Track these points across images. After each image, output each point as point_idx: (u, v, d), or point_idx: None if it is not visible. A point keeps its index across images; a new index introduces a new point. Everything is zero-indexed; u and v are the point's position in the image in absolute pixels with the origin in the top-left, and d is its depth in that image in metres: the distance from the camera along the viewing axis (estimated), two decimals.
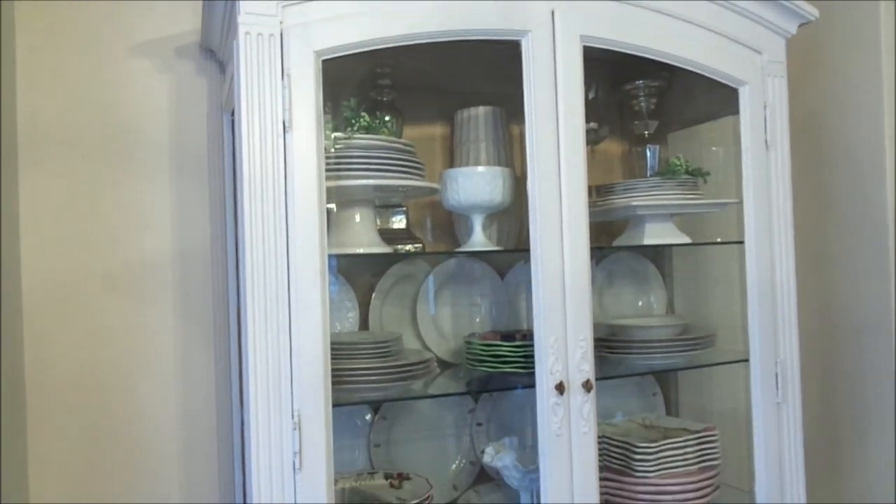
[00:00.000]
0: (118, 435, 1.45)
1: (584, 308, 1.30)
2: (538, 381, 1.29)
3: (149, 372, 1.47)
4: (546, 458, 1.29)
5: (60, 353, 1.41)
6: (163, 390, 1.48)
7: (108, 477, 1.44)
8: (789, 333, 1.48)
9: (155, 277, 1.48)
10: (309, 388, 1.13)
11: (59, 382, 1.41)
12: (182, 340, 1.50)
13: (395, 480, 1.47)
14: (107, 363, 1.45)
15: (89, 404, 1.43)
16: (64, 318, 1.42)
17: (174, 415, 1.49)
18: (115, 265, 1.45)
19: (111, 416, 1.45)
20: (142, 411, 1.47)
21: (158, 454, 1.48)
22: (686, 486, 1.48)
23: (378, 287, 1.61)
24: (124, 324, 1.46)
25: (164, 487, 1.48)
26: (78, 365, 1.43)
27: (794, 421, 1.48)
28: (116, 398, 1.45)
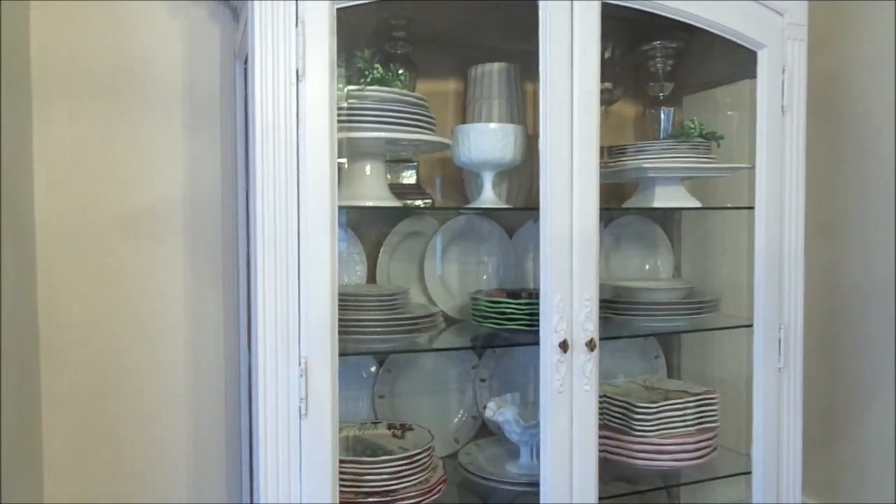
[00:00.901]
0: (127, 376, 1.48)
1: (590, 268, 1.31)
2: (542, 338, 1.30)
3: (158, 316, 1.50)
4: (547, 414, 1.31)
5: (72, 292, 1.44)
6: (171, 335, 1.51)
7: (117, 415, 1.48)
8: (794, 299, 1.48)
9: (165, 222, 1.49)
10: (316, 336, 1.15)
11: (71, 322, 1.44)
12: (192, 286, 1.52)
13: (398, 431, 1.50)
14: (116, 305, 1.47)
15: (99, 345, 1.46)
16: (75, 258, 1.43)
17: (182, 358, 1.52)
18: (127, 208, 1.47)
19: (121, 357, 1.48)
20: (150, 353, 1.50)
21: (166, 396, 1.51)
22: (683, 447, 1.51)
23: (386, 242, 1.61)
24: (134, 267, 1.48)
25: (171, 429, 1.52)
26: (88, 305, 1.45)
27: (795, 386, 1.50)
28: (126, 340, 1.48)
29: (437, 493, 1.38)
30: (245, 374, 1.50)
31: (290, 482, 1.15)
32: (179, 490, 1.53)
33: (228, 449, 1.56)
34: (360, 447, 1.44)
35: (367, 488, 1.30)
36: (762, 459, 1.48)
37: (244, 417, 1.52)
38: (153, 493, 1.51)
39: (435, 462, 1.45)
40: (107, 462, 1.48)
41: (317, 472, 1.15)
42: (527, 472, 1.48)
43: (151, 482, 1.51)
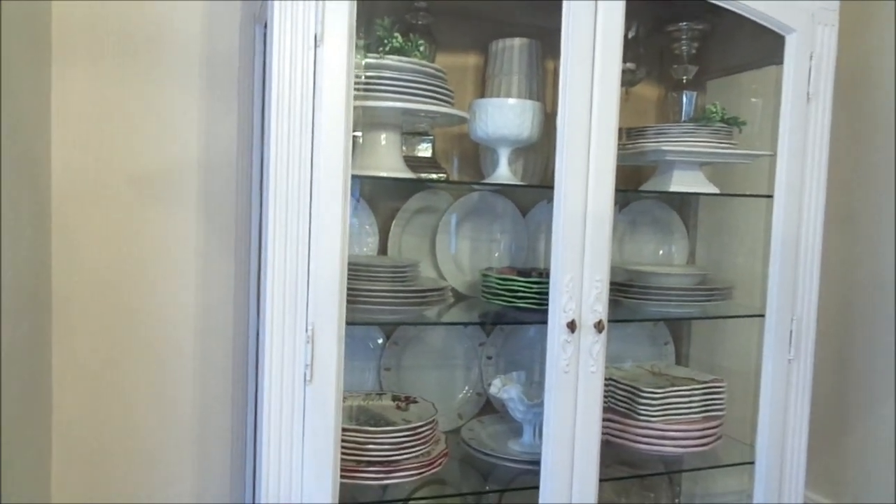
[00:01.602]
0: (138, 338, 1.50)
1: (602, 249, 1.30)
2: (551, 317, 1.30)
3: (170, 277, 1.51)
4: (552, 394, 1.31)
5: (85, 252, 1.45)
6: (182, 297, 1.52)
7: (127, 375, 1.50)
8: (809, 291, 1.47)
9: (180, 185, 1.49)
10: (324, 303, 1.15)
11: (83, 281, 1.45)
12: (203, 249, 1.52)
13: (402, 403, 1.50)
14: (129, 266, 1.48)
15: (111, 305, 1.48)
16: (90, 218, 1.44)
17: (193, 321, 1.53)
18: (142, 170, 1.47)
19: (132, 317, 1.49)
20: (161, 314, 1.51)
21: (176, 357, 1.53)
22: (688, 433, 1.50)
23: (399, 215, 1.61)
24: (148, 228, 1.48)
25: (180, 388, 1.53)
26: (101, 265, 1.46)
27: (804, 379, 1.48)
28: (137, 301, 1.49)
29: (438, 466, 1.39)
30: (254, 339, 1.51)
31: (292, 447, 1.16)
32: (186, 452, 1.55)
33: (234, 413, 1.58)
34: (363, 417, 1.44)
35: (369, 457, 1.31)
36: (766, 450, 1.47)
37: (251, 383, 1.53)
38: (161, 452, 1.53)
39: (437, 436, 1.45)
40: (116, 422, 1.50)
41: (319, 437, 1.16)
42: (529, 450, 1.48)
43: (159, 441, 1.53)
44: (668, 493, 1.81)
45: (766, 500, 1.49)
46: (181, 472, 1.55)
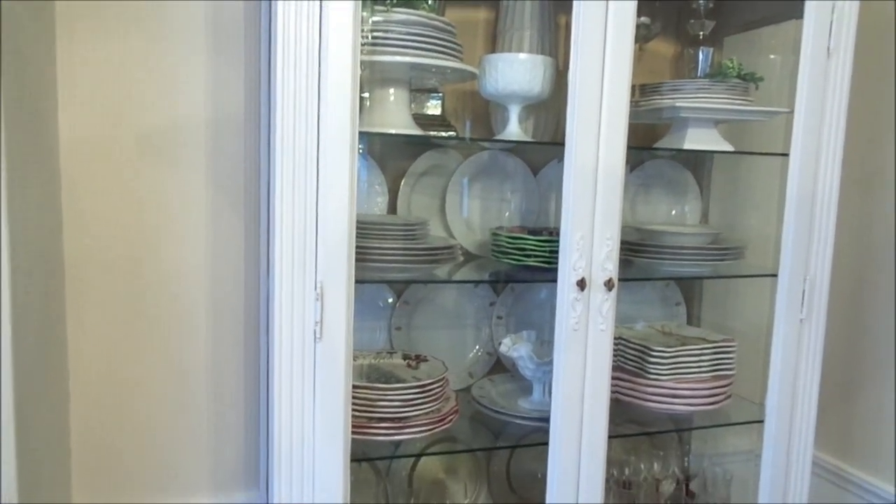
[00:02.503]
0: (150, 296, 1.51)
1: (614, 206, 1.29)
2: (560, 275, 1.29)
3: (179, 237, 1.51)
4: (561, 352, 1.31)
5: (95, 213, 1.45)
6: (193, 256, 1.52)
7: (139, 338, 1.51)
8: (823, 251, 1.45)
9: (187, 143, 1.49)
10: (333, 260, 1.15)
11: (94, 243, 1.46)
12: (212, 207, 1.52)
13: (413, 361, 1.51)
14: (139, 227, 1.48)
15: (122, 265, 1.48)
16: (98, 179, 1.44)
17: (203, 280, 1.54)
18: (150, 129, 1.46)
19: (143, 278, 1.50)
20: (172, 274, 1.52)
21: (187, 317, 1.54)
22: (697, 392, 1.50)
23: (408, 173, 1.60)
24: (157, 188, 1.48)
25: (192, 348, 1.55)
26: (111, 226, 1.46)
27: (816, 339, 1.48)
28: (148, 261, 1.50)
29: (449, 423, 1.40)
30: (265, 298, 1.51)
31: (303, 403, 1.17)
32: (200, 412, 1.57)
33: (247, 371, 1.60)
34: (374, 375, 1.46)
35: (380, 414, 1.32)
36: (776, 409, 1.47)
37: (263, 341, 1.54)
38: (176, 410, 1.56)
39: (448, 393, 1.46)
40: (131, 381, 1.52)
41: (330, 394, 1.17)
42: (538, 408, 1.49)
43: (174, 400, 1.55)
44: (676, 451, 1.82)
45: (774, 459, 1.50)
46: (196, 430, 1.58)
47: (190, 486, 1.58)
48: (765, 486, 1.51)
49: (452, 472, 1.69)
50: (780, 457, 1.50)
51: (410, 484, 1.62)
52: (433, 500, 1.51)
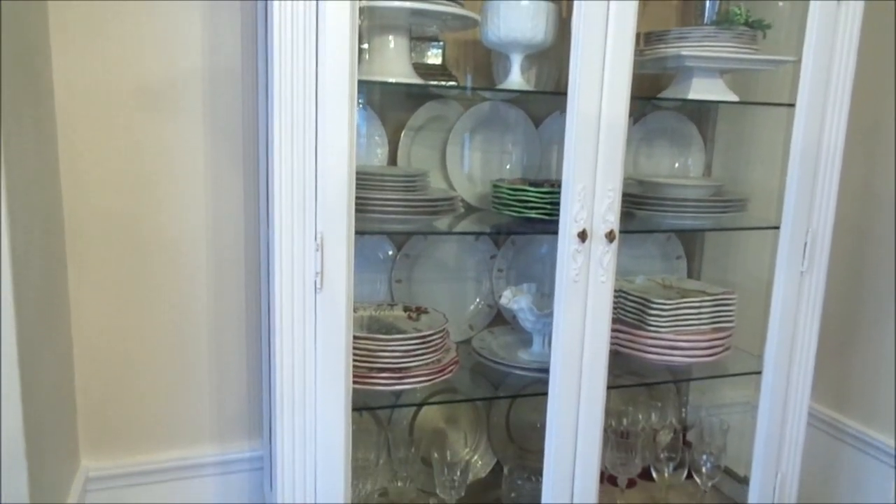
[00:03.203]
0: (148, 249, 1.51)
1: (616, 157, 1.27)
2: (561, 227, 1.29)
3: (179, 189, 1.50)
4: (561, 303, 1.31)
5: (93, 167, 1.44)
6: (191, 207, 1.52)
7: (143, 287, 1.52)
8: (826, 203, 1.44)
9: (185, 94, 1.46)
10: (332, 211, 1.14)
11: (93, 197, 1.45)
12: (212, 160, 1.51)
13: (413, 313, 1.52)
14: (137, 180, 1.47)
15: (122, 219, 1.48)
16: (95, 132, 1.43)
17: (204, 231, 1.53)
18: (146, 81, 1.44)
19: (142, 229, 1.50)
20: (171, 226, 1.51)
21: (187, 270, 1.54)
22: (696, 344, 1.51)
23: (408, 124, 1.58)
24: (155, 141, 1.47)
25: (194, 298, 1.56)
26: (110, 180, 1.45)
27: (816, 291, 1.48)
28: (147, 211, 1.49)
29: (449, 373, 1.41)
30: (265, 249, 1.51)
31: (304, 353, 1.18)
32: (202, 363, 1.59)
33: (248, 321, 1.60)
34: (375, 326, 1.46)
35: (380, 364, 1.33)
36: (774, 360, 1.48)
37: (264, 293, 1.55)
38: (178, 367, 1.57)
39: (448, 345, 1.47)
40: (132, 337, 1.53)
41: (331, 344, 1.18)
42: (538, 359, 1.50)
43: (176, 356, 1.57)
44: (674, 403, 1.85)
45: (771, 410, 1.52)
46: (199, 381, 1.59)
47: (194, 437, 1.61)
48: (761, 437, 1.53)
49: (453, 421, 1.71)
50: (777, 408, 1.51)
51: (411, 433, 1.65)
52: (434, 449, 1.53)
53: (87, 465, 1.53)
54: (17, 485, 1.12)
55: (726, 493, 1.71)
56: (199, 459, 1.60)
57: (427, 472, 1.60)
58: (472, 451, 1.73)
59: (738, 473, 1.70)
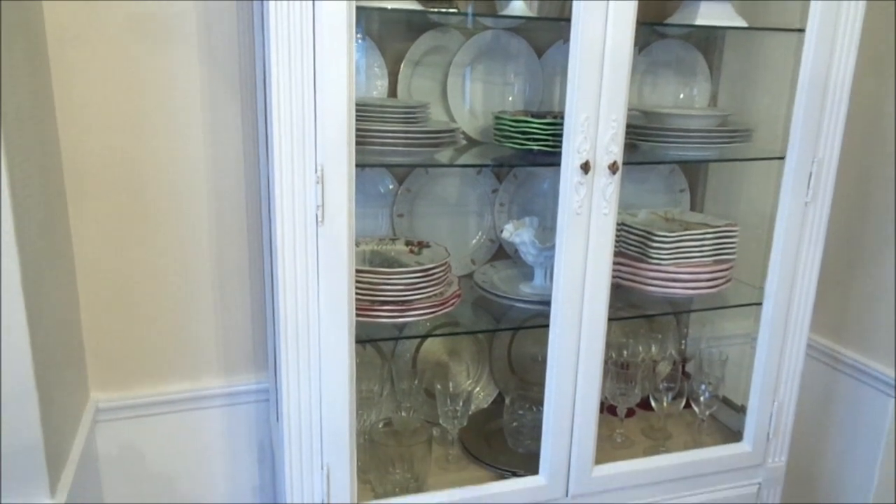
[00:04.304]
0: (148, 185, 1.50)
1: (620, 87, 1.25)
2: (564, 158, 1.27)
3: (175, 122, 1.48)
4: (563, 236, 1.31)
5: (87, 101, 1.41)
6: (190, 143, 1.50)
7: (143, 225, 1.51)
8: (833, 133, 1.41)
9: (180, 25, 1.43)
10: (332, 143, 1.13)
11: (89, 131, 1.43)
12: (209, 93, 1.48)
13: (415, 247, 1.52)
14: (133, 113, 1.45)
15: (119, 154, 1.46)
16: (88, 63, 1.40)
17: (201, 167, 1.52)
18: (140, 9, 1.40)
19: (141, 166, 1.48)
20: (170, 162, 1.50)
21: (188, 205, 1.53)
22: (698, 276, 1.51)
23: (408, 55, 1.54)
24: (150, 72, 1.44)
25: (195, 239, 1.56)
26: (105, 115, 1.43)
27: (819, 222, 1.47)
28: (145, 147, 1.47)
29: (451, 306, 1.42)
30: (265, 183, 1.50)
31: (307, 286, 1.18)
32: (206, 298, 1.60)
33: (251, 258, 1.61)
34: (377, 260, 1.47)
35: (383, 297, 1.34)
36: (775, 291, 1.49)
37: (265, 227, 1.55)
38: (182, 302, 1.58)
39: (450, 278, 1.48)
40: (136, 274, 1.53)
41: (333, 277, 1.18)
42: (540, 292, 1.51)
43: (180, 291, 1.57)
44: (674, 335, 1.87)
45: (770, 340, 1.53)
46: (203, 316, 1.61)
47: (201, 370, 1.64)
48: (759, 366, 1.55)
49: (455, 354, 1.73)
50: (776, 338, 1.53)
51: (414, 366, 1.67)
52: (436, 380, 1.56)
53: (96, 396, 1.57)
54: (28, 415, 1.14)
55: (723, 422, 1.75)
56: (205, 391, 1.64)
57: (430, 403, 1.63)
58: (474, 383, 1.76)
59: (736, 403, 1.73)
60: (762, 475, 1.63)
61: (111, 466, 1.61)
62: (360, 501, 1.33)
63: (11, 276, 1.08)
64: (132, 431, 1.60)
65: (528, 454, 1.50)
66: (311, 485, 1.27)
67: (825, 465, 2.00)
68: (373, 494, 1.41)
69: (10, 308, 1.09)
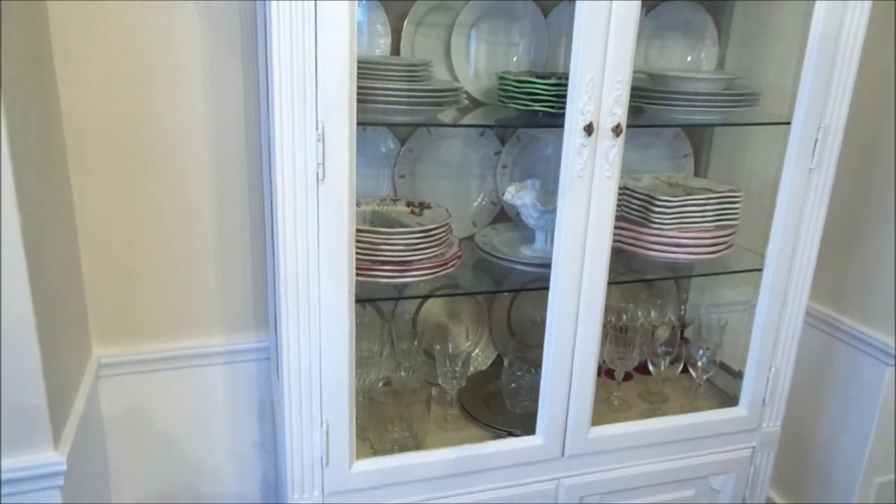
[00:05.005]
0: (148, 143, 1.49)
1: (626, 47, 1.23)
2: (567, 120, 1.26)
3: (176, 79, 1.46)
4: (565, 199, 1.30)
5: (87, 53, 1.40)
6: (191, 100, 1.48)
7: (144, 180, 1.51)
8: (840, 98, 1.40)
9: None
10: (333, 101, 1.11)
11: (89, 87, 1.42)
12: (209, 49, 1.46)
13: (416, 208, 1.51)
14: (133, 71, 1.43)
15: (118, 110, 1.45)
16: (89, 17, 1.38)
17: (202, 124, 1.51)
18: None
19: (141, 123, 1.47)
20: (170, 119, 1.49)
21: (189, 162, 1.53)
22: (699, 241, 1.51)
23: (412, 12, 1.51)
24: (150, 27, 1.42)
25: (196, 197, 1.55)
26: (104, 71, 1.42)
27: (823, 189, 1.46)
28: (146, 103, 1.46)
29: (451, 267, 1.42)
30: (266, 141, 1.49)
31: (308, 245, 1.18)
32: (207, 256, 1.60)
33: (252, 216, 1.61)
34: (378, 221, 1.46)
35: (383, 257, 1.34)
36: (776, 258, 1.49)
37: (266, 185, 1.54)
38: (183, 261, 1.58)
39: (451, 240, 1.48)
40: (137, 233, 1.53)
41: (334, 235, 1.18)
42: (540, 255, 1.51)
43: (181, 249, 1.58)
44: (674, 300, 1.87)
45: (769, 307, 1.53)
46: (205, 274, 1.61)
47: (202, 328, 1.65)
48: (757, 332, 1.56)
49: (455, 316, 1.74)
50: (776, 304, 1.53)
51: (414, 326, 1.68)
52: (436, 342, 1.57)
53: (98, 352, 1.58)
54: (31, 367, 1.15)
55: (720, 387, 1.76)
56: (207, 349, 1.65)
57: (429, 363, 1.65)
58: (473, 345, 1.78)
59: (733, 368, 1.74)
60: (757, 439, 1.65)
61: (113, 421, 1.63)
62: (359, 458, 1.35)
63: (12, 227, 1.08)
64: (134, 387, 1.62)
65: (526, 415, 1.52)
66: (311, 441, 1.29)
67: (819, 430, 2.02)
68: (371, 451, 1.43)
69: (11, 258, 1.09)
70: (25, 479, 1.18)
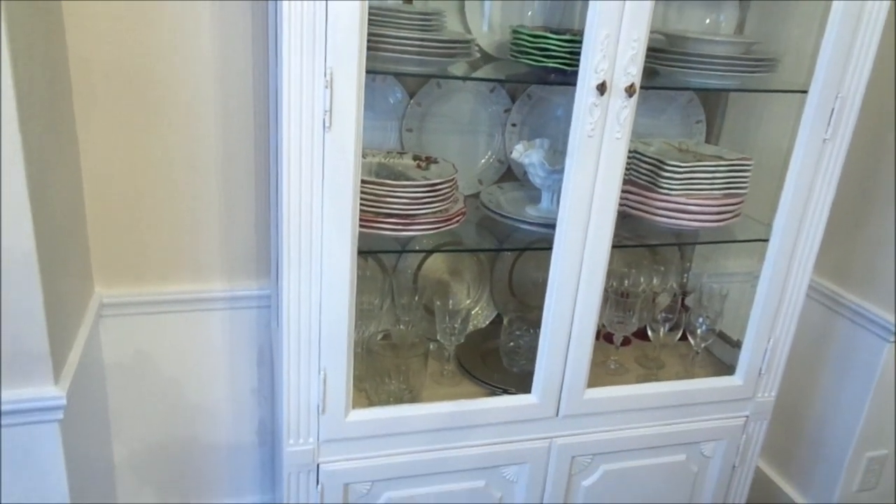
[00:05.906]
0: (155, 87, 1.47)
1: (644, 4, 1.19)
2: (580, 78, 1.23)
3: (183, 24, 1.44)
4: (574, 158, 1.28)
5: (95, 11, 1.37)
6: (198, 43, 1.46)
7: (151, 129, 1.49)
8: (860, 68, 1.36)
9: None
10: (343, 47, 1.09)
11: (96, 34, 1.39)
12: (218, 8, 1.44)
13: (423, 162, 1.50)
14: (139, 7, 1.41)
15: (125, 56, 1.43)
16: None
17: (210, 69, 1.49)
18: None
19: (148, 69, 1.45)
20: (177, 63, 1.47)
21: (195, 108, 1.51)
22: (706, 209, 1.49)
23: None
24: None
25: (201, 143, 1.54)
26: (112, 18, 1.39)
27: (836, 160, 1.44)
28: (152, 49, 1.44)
29: (455, 223, 1.42)
30: (273, 87, 1.47)
31: (312, 193, 1.17)
32: (211, 202, 1.59)
33: (257, 163, 1.59)
34: (384, 173, 1.45)
35: (387, 210, 1.33)
36: (783, 229, 1.48)
37: (272, 131, 1.53)
38: (188, 206, 1.58)
39: (456, 196, 1.47)
40: (141, 177, 1.52)
41: (338, 184, 1.17)
42: (546, 215, 1.50)
43: (186, 195, 1.57)
44: (677, 268, 1.86)
45: (772, 278, 1.53)
46: (208, 220, 1.61)
47: (204, 273, 1.65)
48: (758, 302, 1.56)
49: (456, 273, 1.74)
50: (779, 275, 1.52)
51: (415, 282, 1.68)
52: (437, 298, 1.57)
53: (100, 292, 1.59)
54: (32, 299, 1.15)
55: (717, 356, 1.77)
56: (208, 294, 1.66)
57: (429, 319, 1.65)
58: (473, 303, 1.78)
59: (732, 338, 1.74)
60: (750, 408, 1.66)
61: (114, 361, 1.64)
62: (355, 407, 1.36)
63: (15, 161, 1.07)
64: (134, 329, 1.63)
65: (523, 374, 1.53)
66: (308, 388, 1.30)
67: (814, 403, 2.03)
68: (367, 402, 1.45)
69: (15, 193, 1.09)
70: (24, 412, 1.20)
